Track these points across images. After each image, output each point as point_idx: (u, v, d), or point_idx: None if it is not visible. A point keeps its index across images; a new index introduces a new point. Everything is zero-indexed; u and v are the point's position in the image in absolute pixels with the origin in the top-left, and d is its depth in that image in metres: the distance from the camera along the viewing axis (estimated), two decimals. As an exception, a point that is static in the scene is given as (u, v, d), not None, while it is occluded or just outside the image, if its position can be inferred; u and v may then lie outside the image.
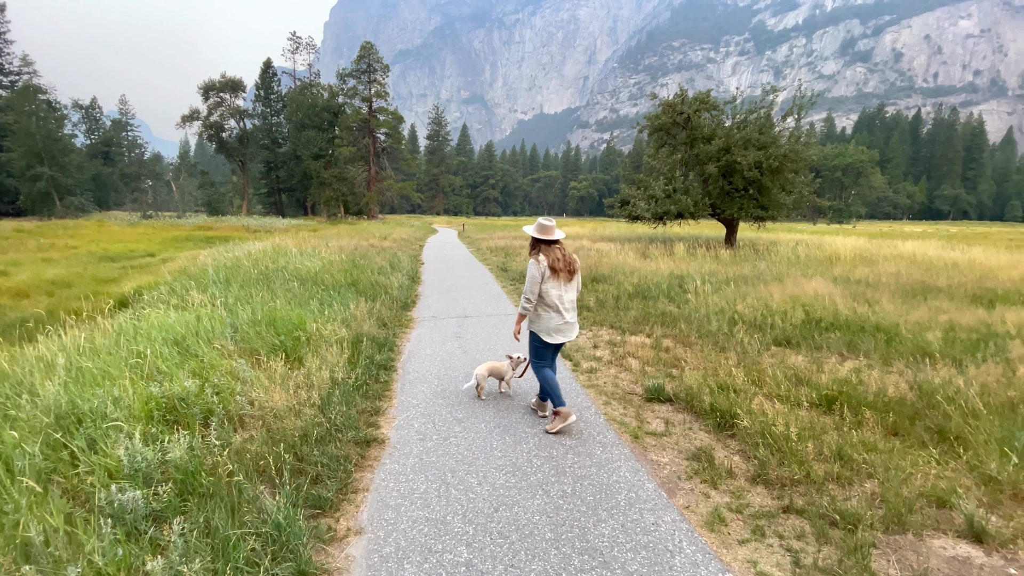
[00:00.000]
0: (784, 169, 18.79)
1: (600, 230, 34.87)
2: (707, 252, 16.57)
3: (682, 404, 4.77)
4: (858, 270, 12.03)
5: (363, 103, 65.04)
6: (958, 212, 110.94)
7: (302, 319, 6.30)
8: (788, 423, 3.82)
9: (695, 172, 21.40)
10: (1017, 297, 9.07)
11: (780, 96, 22.81)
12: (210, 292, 7.79)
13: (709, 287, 9.60)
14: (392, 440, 4.08)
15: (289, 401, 4.19)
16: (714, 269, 12.70)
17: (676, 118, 20.83)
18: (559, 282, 4.24)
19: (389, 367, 5.87)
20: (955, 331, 6.30)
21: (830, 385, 4.63)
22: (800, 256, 15.05)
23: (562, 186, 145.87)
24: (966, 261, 13.96)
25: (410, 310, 9.24)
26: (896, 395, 4.38)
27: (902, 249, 16.61)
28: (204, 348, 5.08)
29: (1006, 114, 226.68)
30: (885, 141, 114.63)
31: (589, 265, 13.85)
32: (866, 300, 8.10)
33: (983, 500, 3.16)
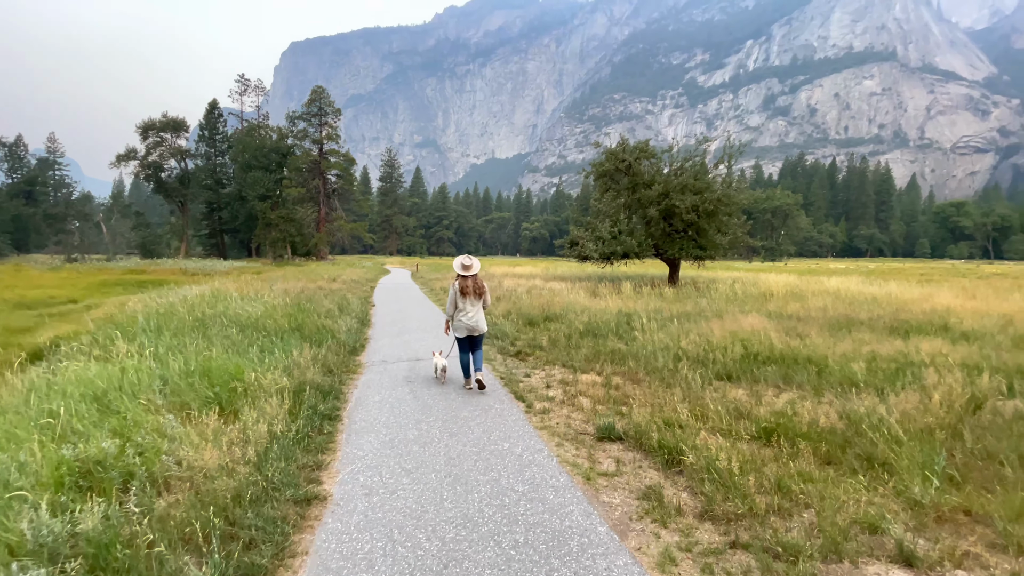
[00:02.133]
0: (719, 212, 20.13)
1: (552, 270, 35.58)
2: (652, 290, 17.22)
3: (632, 442, 4.83)
4: (790, 305, 12.85)
5: (313, 145, 64.68)
6: (875, 250, 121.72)
7: (240, 369, 5.97)
8: (731, 457, 3.94)
9: (638, 215, 22.50)
10: (929, 328, 9.94)
11: (713, 145, 24.79)
12: (138, 341, 7.26)
13: (655, 324, 9.94)
14: (335, 496, 3.86)
15: (222, 459, 3.91)
16: (659, 306, 13.19)
17: (619, 165, 22.02)
18: (468, 299, 6.67)
19: (334, 417, 5.62)
20: (877, 361, 6.81)
21: (768, 417, 4.84)
22: (737, 293, 15.92)
23: (515, 227, 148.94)
24: (884, 295, 15.24)
25: (359, 355, 8.97)
26: (827, 425, 4.64)
27: (827, 285, 17.94)
28: (128, 404, 4.69)
29: (909, 162, 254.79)
30: (807, 186, 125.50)
31: (542, 304, 14.04)
32: (798, 334, 8.65)
33: (910, 524, 3.35)
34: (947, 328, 9.90)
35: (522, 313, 12.64)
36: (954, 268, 52.76)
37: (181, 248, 63.62)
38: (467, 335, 6.66)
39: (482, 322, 6.69)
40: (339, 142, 66.17)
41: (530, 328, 11.09)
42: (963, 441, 4.26)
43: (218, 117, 65.97)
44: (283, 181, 59.35)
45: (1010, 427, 4.57)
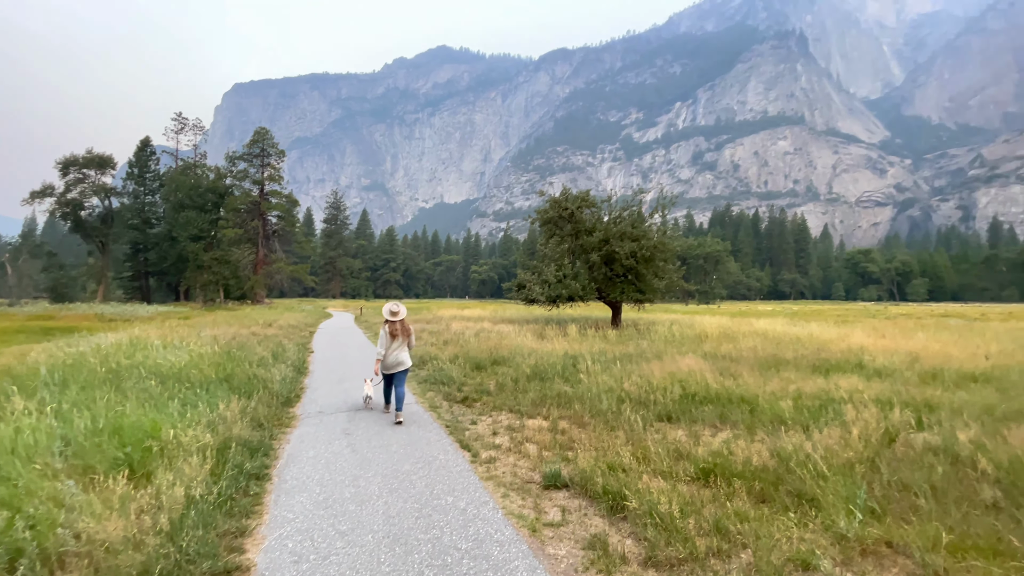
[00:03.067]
0: (655, 258, 21.24)
1: (501, 312, 35.70)
2: (596, 332, 17.63)
3: (578, 489, 4.79)
4: (723, 346, 13.53)
5: (254, 185, 62.80)
6: (797, 293, 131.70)
7: (157, 425, 5.45)
8: (672, 500, 3.99)
9: (582, 260, 23.30)
10: (847, 366, 10.74)
11: (648, 196, 26.48)
12: (39, 397, 6.50)
13: (599, 367, 10.12)
14: (259, 566, 3.52)
15: (128, 529, 3.50)
16: (603, 348, 13.48)
17: (562, 212, 22.92)
18: (396, 340, 7.70)
19: (262, 476, 5.20)
20: (802, 399, 7.25)
21: (706, 458, 4.99)
22: (675, 335, 16.61)
23: (464, 270, 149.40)
24: (806, 335, 16.40)
25: (293, 406, 8.46)
26: (760, 463, 4.83)
27: (756, 326, 19.11)
28: (21, 469, 4.13)
29: (821, 214, 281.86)
30: (734, 234, 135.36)
31: (490, 347, 13.99)
32: (731, 374, 9.08)
33: (838, 559, 3.49)
34: (862, 366, 10.74)
35: (470, 357, 12.51)
36: (866, 309, 57.88)
37: (99, 291, 58.60)
38: (394, 371, 7.76)
39: (407, 359, 7.84)
40: (282, 183, 64.66)
41: (477, 372, 10.96)
42: (880, 474, 4.56)
43: (150, 155, 63.01)
44: (219, 222, 56.85)
45: (921, 459, 4.95)
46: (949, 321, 29.51)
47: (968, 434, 5.38)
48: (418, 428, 7.06)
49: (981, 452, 4.88)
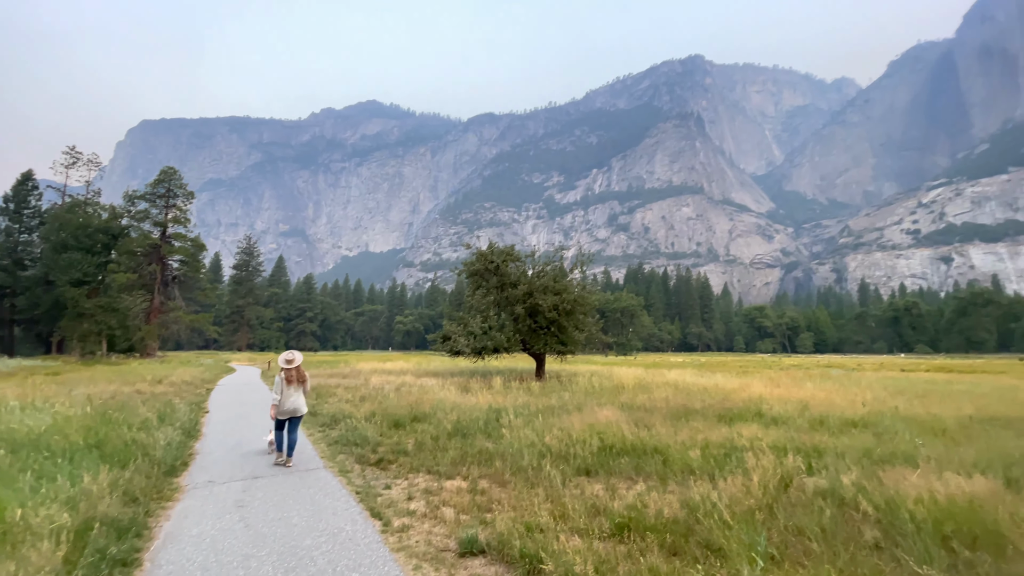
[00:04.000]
0: (576, 311, 22.07)
1: (425, 365, 34.72)
2: (520, 384, 17.63)
3: (495, 554, 4.59)
4: (639, 397, 14.06)
5: (155, 227, 57.73)
6: (703, 345, 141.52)
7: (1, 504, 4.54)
8: (587, 560, 3.94)
9: (507, 312, 23.61)
10: (748, 414, 11.54)
11: (569, 252, 27.79)
12: None
13: (521, 420, 10.05)
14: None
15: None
16: (527, 401, 13.46)
17: (488, 265, 23.33)
18: (292, 387, 8.19)
19: (130, 562, 4.45)
20: (709, 448, 7.63)
21: (621, 512, 5.02)
22: (595, 386, 17.05)
23: (388, 320, 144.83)
24: (712, 386, 17.52)
25: (178, 475, 7.47)
26: (671, 515, 4.95)
27: (668, 377, 20.15)
28: None
29: (721, 273, 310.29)
30: (647, 290, 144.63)
31: (411, 403, 13.45)
32: (646, 425, 9.40)
33: (743, 608, 3.58)
34: (761, 414, 11.60)
35: (388, 414, 11.91)
36: (763, 361, 63.25)
37: (-59, 343, 49.47)
38: (289, 416, 8.04)
39: (303, 405, 8.22)
40: (188, 226, 60.10)
41: (396, 431, 10.42)
42: (778, 519, 4.84)
43: (31, 189, 56.35)
44: (109, 265, 51.14)
45: (812, 502, 5.33)
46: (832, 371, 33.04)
47: (851, 477, 5.91)
48: (324, 496, 6.47)
49: (862, 494, 5.36)
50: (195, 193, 61.24)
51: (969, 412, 12.58)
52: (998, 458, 7.44)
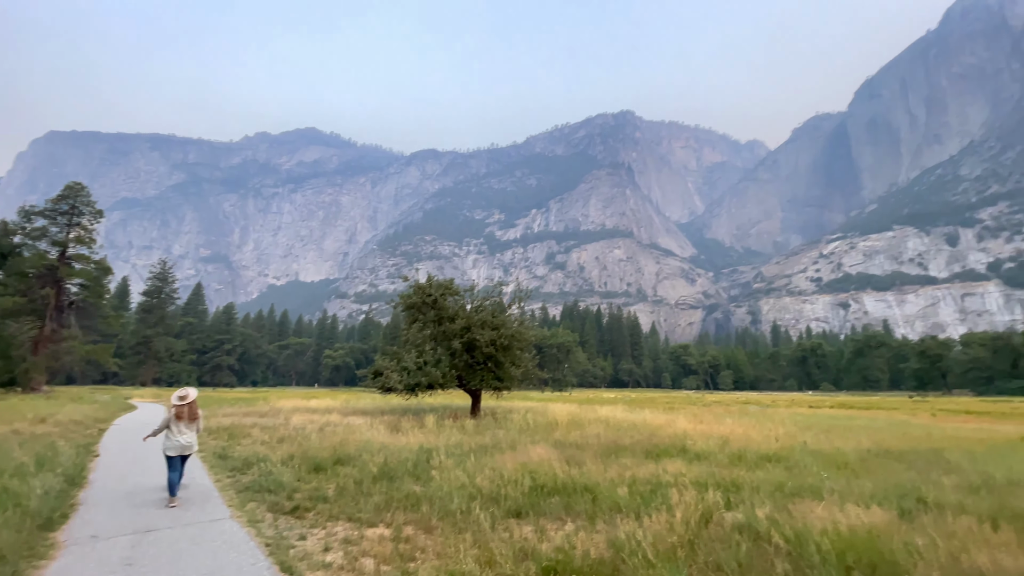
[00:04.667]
0: (513, 346, 22.11)
1: (354, 402, 33.05)
2: (455, 423, 17.20)
3: (417, 606, 4.32)
4: (572, 434, 14.16)
5: (53, 247, 51.95)
6: (634, 381, 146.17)
7: None
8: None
9: (443, 346, 23.21)
10: (673, 450, 11.92)
11: (508, 288, 28.07)
12: None
13: (453, 461, 9.75)
14: None
15: None
16: (460, 440, 13.12)
17: (425, 299, 22.99)
18: (182, 423, 8.08)
19: (-23, 640, 3.75)
20: (636, 484, 7.76)
21: (549, 554, 4.94)
22: (530, 423, 16.99)
23: (315, 354, 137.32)
24: (641, 421, 18.01)
25: (56, 529, 6.49)
26: (597, 555, 4.94)
27: (600, 413, 20.51)
28: None
29: (649, 313, 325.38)
30: (582, 327, 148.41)
31: (335, 444, 12.66)
32: (577, 462, 9.44)
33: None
34: (685, 450, 12.03)
35: (308, 457, 11.12)
36: (688, 397, 66.18)
37: None
38: (178, 454, 7.88)
39: (194, 443, 8.15)
40: (93, 247, 54.63)
41: (316, 475, 9.73)
42: (698, 556, 4.96)
43: None
44: (-10, 287, 45.10)
45: (730, 537, 5.52)
46: (749, 408, 35.12)
47: (765, 511, 6.21)
48: (229, 549, 5.84)
49: (774, 528, 5.63)
50: (103, 212, 56.13)
51: (867, 446, 13.78)
52: (892, 489, 8.15)
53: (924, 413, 31.55)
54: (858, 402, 50.71)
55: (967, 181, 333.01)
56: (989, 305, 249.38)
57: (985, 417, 27.99)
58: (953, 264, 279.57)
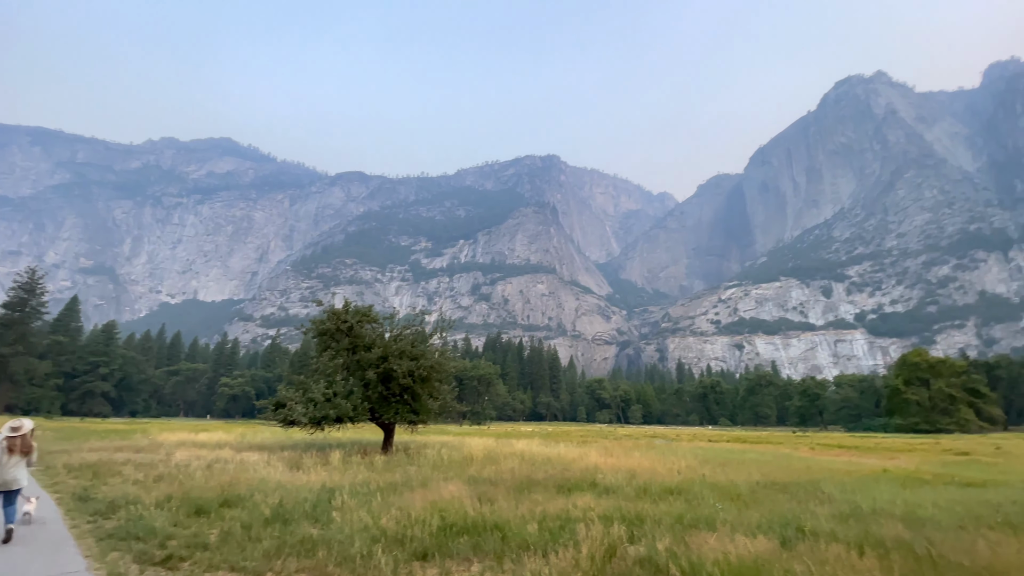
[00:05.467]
0: (432, 378, 21.56)
1: (250, 436, 30.21)
2: (363, 459, 16.28)
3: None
4: (487, 469, 13.93)
5: None
6: (551, 414, 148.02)
7: None
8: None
9: (356, 376, 22.08)
10: (584, 484, 12.10)
11: (432, 317, 27.59)
12: None
13: (357, 501, 9.16)
14: None
15: None
16: (367, 478, 12.40)
17: (340, 325, 21.90)
18: (12, 457, 7.65)
19: None
20: (546, 520, 7.75)
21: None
22: (444, 458, 16.51)
23: (210, 382, 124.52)
24: (555, 455, 18.18)
25: None
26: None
27: (517, 447, 20.45)
28: None
29: (568, 347, 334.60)
30: (504, 359, 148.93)
31: (223, 484, 11.41)
32: (489, 499, 9.27)
33: None
34: (595, 484, 12.28)
35: (190, 498, 9.92)
36: (601, 431, 68.06)
37: None
38: (5, 490, 7.57)
39: (23, 478, 7.83)
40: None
41: (197, 519, 8.66)
42: (602, 591, 5.00)
43: None
44: None
45: (631, 571, 5.65)
46: (656, 441, 36.81)
47: (664, 543, 6.45)
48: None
49: (672, 560, 5.86)
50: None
51: (757, 478, 14.91)
52: (777, 519, 8.83)
53: (805, 447, 34.92)
54: (751, 436, 55.04)
55: (838, 242, 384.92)
56: (856, 351, 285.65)
57: (854, 451, 31.55)
58: (828, 313, 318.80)
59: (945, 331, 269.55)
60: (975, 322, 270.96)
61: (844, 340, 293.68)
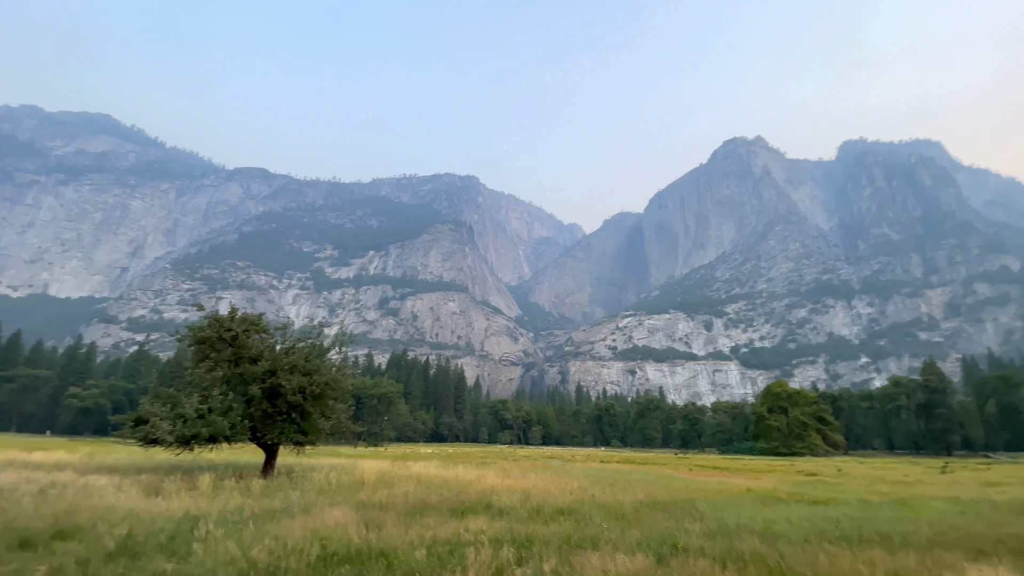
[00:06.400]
0: (326, 395, 20.25)
1: (101, 457, 26.12)
2: (238, 483, 14.76)
3: None
4: (379, 493, 13.29)
5: None
6: (453, 436, 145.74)
7: None
8: None
9: (239, 391, 20.11)
10: (479, 507, 12.00)
11: (333, 330, 26.01)
12: None
13: (225, 530, 8.25)
14: None
15: None
16: (241, 505, 11.23)
17: (223, 333, 19.93)
18: None
19: None
20: (436, 545, 7.55)
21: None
22: (332, 482, 15.50)
23: (56, 391, 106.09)
24: (453, 477, 17.86)
25: None
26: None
27: (413, 470, 19.80)
28: None
29: (475, 366, 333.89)
30: (408, 377, 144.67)
31: (57, 512, 9.68)
32: (377, 525, 8.83)
33: None
34: (490, 506, 12.23)
35: (14, 528, 8.29)
36: (501, 452, 68.27)
37: None
38: None
39: None
40: None
41: (21, 553, 7.24)
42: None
43: None
44: None
45: (517, 594, 5.66)
46: (552, 462, 37.68)
47: (551, 564, 6.58)
48: None
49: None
50: None
51: (641, 498, 15.80)
52: (655, 537, 9.40)
53: (684, 468, 37.81)
54: (638, 457, 58.45)
55: (719, 282, 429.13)
56: (731, 380, 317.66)
57: (725, 472, 34.75)
58: (708, 345, 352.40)
59: (801, 366, 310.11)
60: (824, 359, 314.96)
61: (721, 370, 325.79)
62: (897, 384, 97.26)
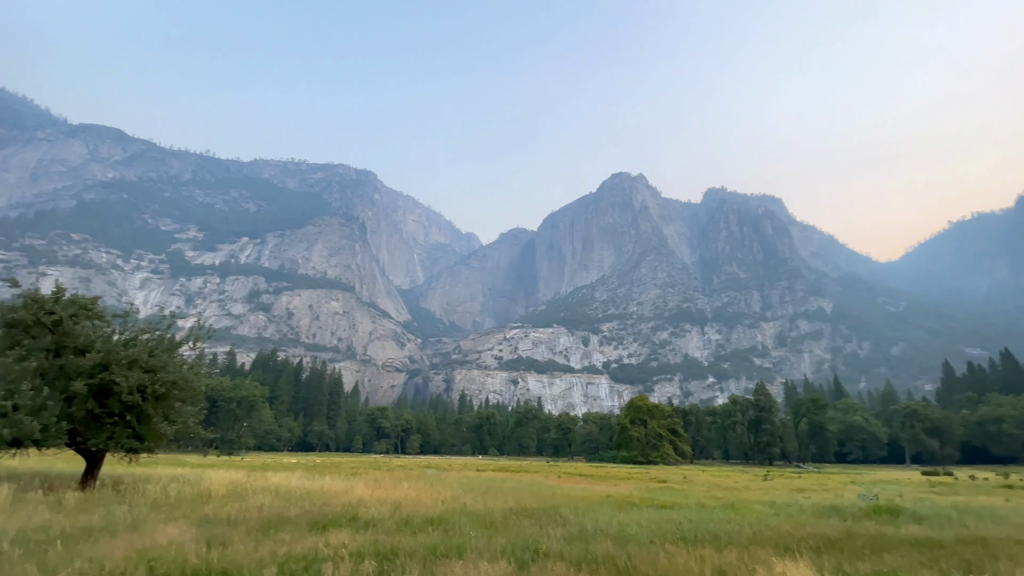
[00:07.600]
0: (172, 396, 17.81)
1: None
2: (47, 496, 12.34)
3: None
4: (228, 507, 11.99)
5: None
6: (323, 445, 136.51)
7: None
8: None
9: (57, 387, 16.85)
10: (343, 519, 11.39)
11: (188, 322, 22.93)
12: None
13: (23, 552, 6.85)
14: None
15: None
16: (48, 522, 9.40)
17: (41, 317, 16.65)
18: None
19: None
20: (289, 562, 7.02)
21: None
22: (171, 495, 13.65)
23: None
24: (317, 489, 16.74)
25: None
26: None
27: (272, 481, 18.18)
28: None
29: (355, 371, 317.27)
30: (276, 380, 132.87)
31: None
32: (222, 542, 7.97)
33: None
34: (356, 518, 11.68)
35: None
36: (375, 461, 65.56)
37: None
38: None
39: None
40: None
41: None
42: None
43: None
44: None
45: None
46: (428, 471, 37.08)
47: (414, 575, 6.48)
48: None
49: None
50: None
51: (511, 505, 16.23)
52: (520, 543, 9.72)
53: (554, 475, 39.62)
54: (513, 466, 60.00)
55: (598, 302, 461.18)
56: (601, 393, 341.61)
57: (590, 479, 37.07)
58: (584, 360, 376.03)
59: (661, 382, 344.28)
60: (679, 377, 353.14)
61: (593, 383, 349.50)
62: (735, 402, 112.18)
